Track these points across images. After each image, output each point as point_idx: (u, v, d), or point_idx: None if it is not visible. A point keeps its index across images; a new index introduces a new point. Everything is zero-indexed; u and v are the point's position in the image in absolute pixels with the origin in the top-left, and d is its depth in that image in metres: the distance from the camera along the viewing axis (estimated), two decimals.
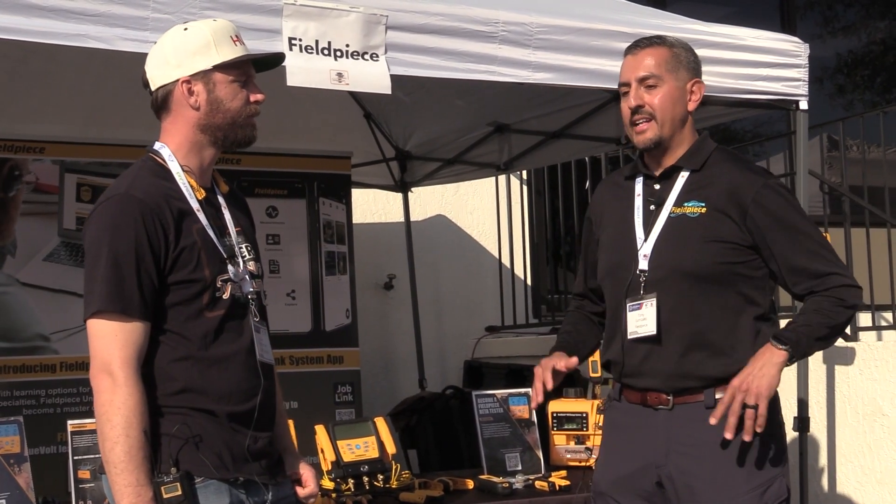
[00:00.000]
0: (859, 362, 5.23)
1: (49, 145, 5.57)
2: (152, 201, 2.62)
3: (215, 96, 2.71)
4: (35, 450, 4.30)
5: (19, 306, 5.43)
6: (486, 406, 4.48)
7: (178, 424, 2.61)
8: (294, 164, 6.17)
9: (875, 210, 6.15)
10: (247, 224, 2.88)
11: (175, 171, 2.72)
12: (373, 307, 7.11)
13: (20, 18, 3.19)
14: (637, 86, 3.15)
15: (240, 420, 2.68)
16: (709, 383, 3.08)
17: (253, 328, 2.74)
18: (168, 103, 2.73)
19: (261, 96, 2.77)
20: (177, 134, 2.74)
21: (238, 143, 2.78)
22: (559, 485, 4.19)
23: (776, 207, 3.08)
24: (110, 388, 2.54)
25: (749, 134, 8.48)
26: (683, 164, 3.17)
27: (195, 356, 2.65)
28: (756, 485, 3.04)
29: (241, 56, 2.74)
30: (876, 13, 9.30)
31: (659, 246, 3.12)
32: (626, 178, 3.30)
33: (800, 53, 4.53)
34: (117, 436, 2.52)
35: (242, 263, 2.75)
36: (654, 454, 3.12)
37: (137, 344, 2.59)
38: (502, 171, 6.65)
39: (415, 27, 3.78)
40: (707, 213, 3.09)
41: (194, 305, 2.65)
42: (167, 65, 2.72)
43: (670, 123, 3.14)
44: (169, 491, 2.54)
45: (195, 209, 2.69)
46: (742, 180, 3.10)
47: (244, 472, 2.68)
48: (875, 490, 5.16)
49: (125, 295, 2.57)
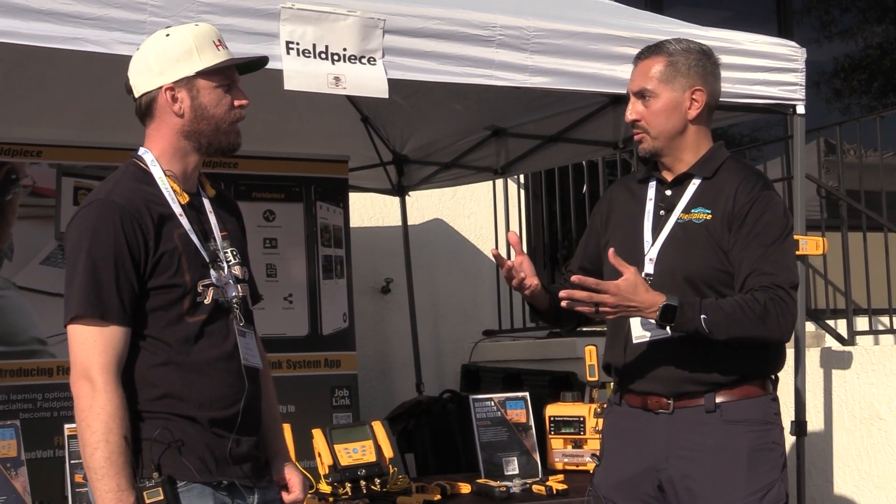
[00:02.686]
0: (856, 366, 5.23)
1: (46, 149, 5.57)
2: (132, 206, 2.61)
3: (199, 102, 2.69)
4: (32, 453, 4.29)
5: (16, 310, 5.42)
6: (484, 410, 4.49)
7: (160, 429, 2.59)
8: (291, 167, 6.17)
9: (872, 214, 6.16)
10: (235, 228, 2.86)
11: (157, 176, 2.70)
12: (370, 311, 7.11)
13: (17, 22, 3.19)
14: (634, 99, 3.19)
15: (222, 424, 2.66)
16: (709, 388, 3.08)
17: (237, 332, 2.72)
18: (152, 110, 2.72)
19: (245, 101, 2.75)
20: (160, 140, 2.73)
21: (222, 149, 2.76)
22: (556, 489, 4.19)
23: (762, 215, 3.06)
24: (90, 394, 2.55)
25: (746, 138, 8.48)
26: (696, 171, 3.18)
27: (175, 361, 2.63)
28: (755, 489, 3.05)
29: (223, 61, 2.71)
30: (873, 18, 9.31)
31: (664, 250, 3.13)
32: (639, 182, 3.31)
33: (797, 58, 4.53)
34: (97, 441, 2.51)
35: (227, 268, 2.74)
36: (654, 458, 3.12)
37: (117, 349, 2.58)
38: (500, 174, 6.65)
39: (412, 31, 3.78)
40: (712, 220, 3.10)
41: (174, 310, 2.63)
42: (150, 71, 2.70)
43: (664, 136, 3.15)
44: (151, 496, 2.53)
45: (177, 214, 2.68)
46: (743, 188, 3.10)
47: (227, 475, 2.66)
48: (872, 494, 5.16)
49: (104, 300, 2.57)
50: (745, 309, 2.96)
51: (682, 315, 2.92)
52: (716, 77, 3.23)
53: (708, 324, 2.94)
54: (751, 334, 2.99)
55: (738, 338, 3.00)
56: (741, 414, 3.08)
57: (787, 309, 3.00)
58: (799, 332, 4.68)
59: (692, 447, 3.08)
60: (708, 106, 3.19)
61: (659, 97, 3.14)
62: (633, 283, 2.92)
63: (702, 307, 2.95)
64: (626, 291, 2.91)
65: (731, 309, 2.96)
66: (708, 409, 3.07)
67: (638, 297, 2.92)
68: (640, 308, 2.93)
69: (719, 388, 3.08)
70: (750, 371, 3.10)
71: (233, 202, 2.96)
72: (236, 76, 2.76)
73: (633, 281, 2.92)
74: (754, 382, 3.12)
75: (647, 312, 2.94)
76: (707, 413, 3.07)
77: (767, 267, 3.02)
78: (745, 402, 3.09)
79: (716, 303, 2.97)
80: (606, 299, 2.91)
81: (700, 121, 3.19)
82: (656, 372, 3.12)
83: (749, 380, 3.11)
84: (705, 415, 3.07)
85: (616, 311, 2.95)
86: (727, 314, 2.95)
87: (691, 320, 2.94)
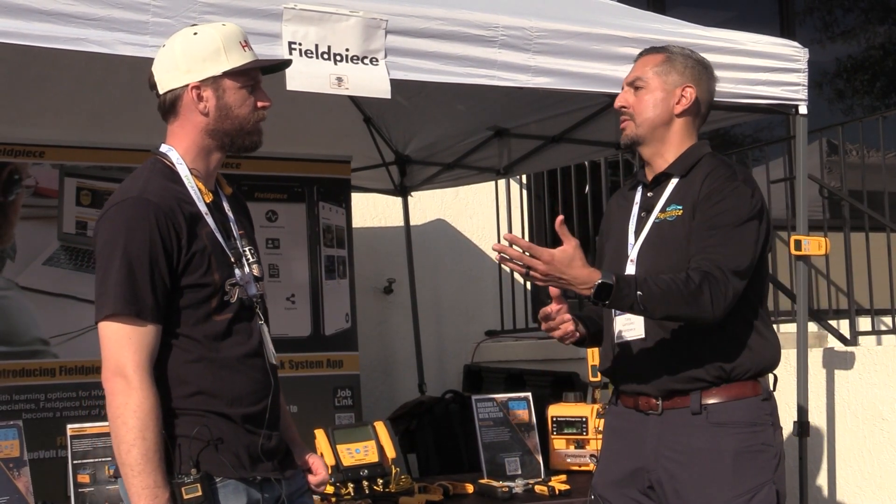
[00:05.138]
0: (859, 367, 5.22)
1: (49, 149, 5.57)
2: (166, 205, 2.63)
3: (224, 102, 2.72)
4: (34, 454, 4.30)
5: (19, 310, 5.42)
6: (486, 410, 4.49)
7: (198, 427, 2.64)
8: (294, 168, 6.17)
9: (874, 215, 6.15)
10: (248, 227, 2.90)
11: (184, 175, 2.73)
12: (372, 311, 7.11)
13: (20, 22, 3.19)
14: (627, 88, 3.24)
15: (253, 420, 2.72)
16: (696, 386, 3.09)
17: (260, 330, 2.78)
18: (176, 107, 2.74)
19: (268, 102, 2.79)
20: (185, 138, 2.75)
21: (244, 148, 2.80)
22: (559, 489, 4.19)
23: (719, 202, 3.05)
24: (125, 391, 2.55)
25: (749, 139, 8.48)
26: (672, 170, 3.20)
27: (207, 358, 2.67)
28: (742, 491, 3.04)
29: (250, 63, 2.75)
30: (875, 18, 9.30)
31: (642, 251, 3.15)
32: (629, 189, 3.34)
33: (799, 58, 4.53)
34: (133, 438, 2.53)
35: (248, 266, 2.78)
36: (644, 458, 3.14)
37: (150, 347, 2.60)
38: (502, 175, 6.65)
39: (415, 31, 3.79)
40: (683, 214, 3.11)
41: (203, 309, 2.67)
42: (177, 69, 2.72)
43: (648, 124, 3.18)
44: (189, 492, 2.57)
45: (204, 213, 2.71)
46: (710, 179, 3.10)
47: (260, 471, 2.72)
48: (875, 495, 5.16)
49: (139, 298, 2.58)
50: (679, 286, 2.93)
51: (618, 291, 2.89)
52: (710, 84, 3.26)
53: (643, 300, 2.91)
54: (684, 312, 2.97)
55: (671, 315, 2.99)
56: (728, 416, 3.07)
57: (722, 290, 2.96)
58: (801, 332, 4.68)
59: (680, 449, 3.09)
60: (696, 106, 3.21)
61: (649, 87, 3.19)
62: (569, 256, 2.87)
63: (637, 284, 2.92)
64: (560, 263, 2.87)
65: (665, 286, 2.93)
66: (694, 410, 3.07)
67: (571, 272, 2.87)
68: (572, 283, 2.89)
69: (707, 387, 3.07)
70: (738, 370, 3.09)
71: (243, 201, 2.99)
72: (260, 77, 2.80)
73: (571, 254, 2.87)
74: (743, 382, 3.10)
75: (581, 288, 2.89)
76: (693, 415, 3.07)
77: (713, 249, 3.01)
78: (733, 403, 3.08)
79: (652, 280, 2.95)
80: (538, 265, 2.87)
81: (686, 118, 3.20)
82: (644, 372, 3.13)
83: (736, 379, 3.09)
84: (692, 416, 3.07)
85: (546, 280, 2.90)
86: (662, 291, 2.92)
87: (627, 296, 2.91)
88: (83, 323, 5.41)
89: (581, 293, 2.91)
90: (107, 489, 3.70)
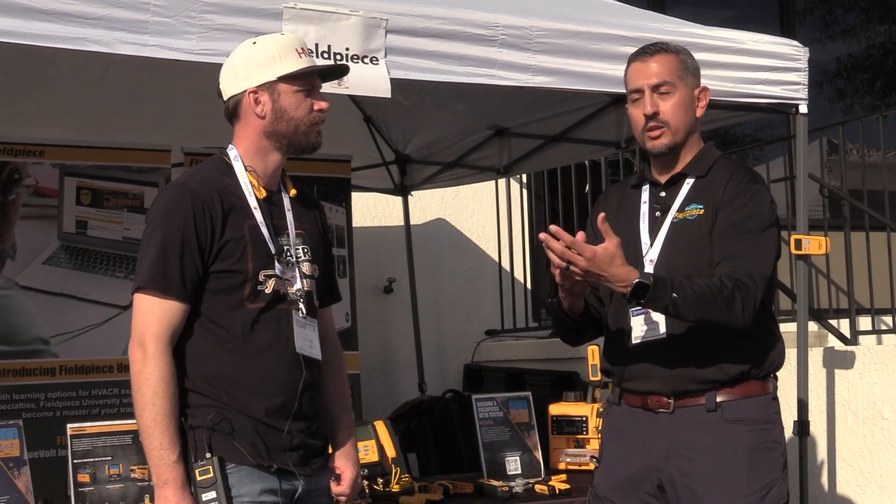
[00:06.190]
0: (859, 366, 5.22)
1: (49, 149, 5.57)
2: (205, 192, 2.82)
3: (280, 105, 2.89)
4: (34, 453, 4.29)
5: (19, 310, 5.42)
6: (486, 410, 4.49)
7: (219, 419, 2.77)
8: (293, 167, 6.07)
9: (875, 214, 6.15)
10: (312, 227, 3.03)
11: (238, 171, 2.91)
12: (372, 311, 7.11)
13: (20, 22, 3.20)
14: (650, 93, 3.17)
15: (275, 410, 2.81)
16: (710, 386, 3.09)
17: (297, 323, 2.88)
18: (238, 111, 2.93)
19: (324, 104, 2.95)
20: (245, 139, 2.94)
21: (303, 148, 2.98)
22: (559, 488, 4.19)
23: (743, 206, 3.08)
24: (141, 360, 2.74)
25: (749, 138, 8.48)
26: (689, 171, 3.20)
27: (232, 345, 2.81)
28: (757, 488, 3.05)
29: (303, 67, 2.90)
30: (875, 17, 9.30)
31: (665, 251, 3.14)
32: (632, 187, 3.32)
33: (799, 57, 4.53)
34: (145, 404, 2.71)
35: (295, 263, 2.90)
36: (654, 457, 3.13)
37: (172, 322, 2.77)
38: (502, 174, 6.65)
39: (415, 31, 3.79)
40: (705, 214, 3.11)
41: (235, 295, 2.81)
42: (236, 76, 2.92)
43: (683, 130, 3.17)
44: (203, 473, 2.73)
45: (251, 206, 2.87)
46: (733, 181, 3.12)
47: (278, 461, 2.81)
48: (875, 494, 5.16)
49: (167, 275, 2.77)
50: (714, 292, 2.95)
51: (654, 291, 2.90)
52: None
53: (678, 303, 2.93)
54: (716, 318, 2.99)
55: (702, 319, 2.99)
56: (742, 413, 3.09)
57: (752, 298, 2.99)
58: (801, 331, 4.68)
59: (693, 446, 3.08)
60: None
61: (677, 91, 3.16)
62: (611, 254, 2.90)
63: (673, 286, 2.94)
64: (601, 260, 2.89)
65: (700, 290, 2.95)
66: (709, 408, 3.08)
67: (612, 269, 2.90)
68: (611, 280, 2.91)
69: (720, 387, 3.08)
70: (750, 369, 3.10)
71: (316, 203, 3.15)
72: (317, 82, 2.97)
73: (613, 252, 2.90)
74: (755, 381, 3.12)
75: (619, 286, 2.92)
76: (708, 412, 3.07)
77: (740, 255, 3.03)
78: (746, 401, 3.10)
79: (687, 283, 2.96)
80: (579, 261, 2.90)
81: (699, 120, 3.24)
82: (656, 371, 3.12)
83: (749, 378, 3.11)
84: (706, 414, 3.07)
85: (585, 276, 2.93)
86: (697, 294, 2.95)
87: (663, 297, 2.93)
88: (83, 322, 5.42)
89: (617, 290, 2.95)
90: (107, 489, 3.70)
